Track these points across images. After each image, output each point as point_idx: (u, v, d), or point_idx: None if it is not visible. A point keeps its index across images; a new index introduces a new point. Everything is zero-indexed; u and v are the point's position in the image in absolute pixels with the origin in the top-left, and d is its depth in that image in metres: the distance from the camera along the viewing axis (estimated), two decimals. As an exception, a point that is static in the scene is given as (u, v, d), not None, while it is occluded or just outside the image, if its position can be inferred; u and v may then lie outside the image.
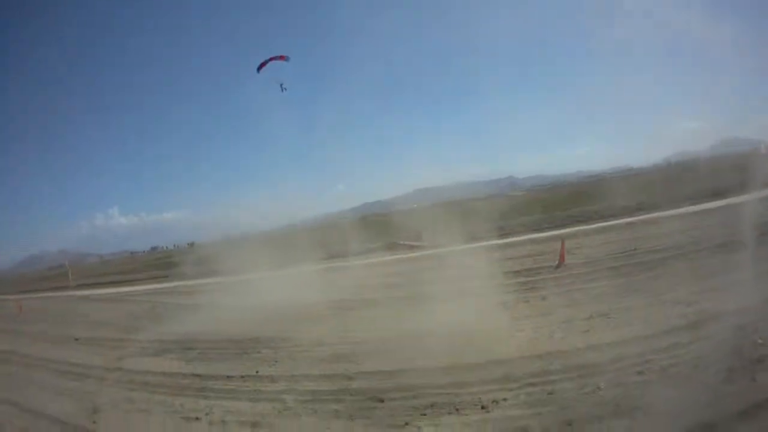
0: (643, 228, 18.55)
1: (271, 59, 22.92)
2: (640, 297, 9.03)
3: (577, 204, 29.76)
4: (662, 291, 9.02)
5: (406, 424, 5.44)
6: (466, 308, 9.34)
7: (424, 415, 5.56)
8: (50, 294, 39.25)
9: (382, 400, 6.11)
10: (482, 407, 5.49)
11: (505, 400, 5.59)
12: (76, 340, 14.58)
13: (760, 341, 5.79)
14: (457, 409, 5.55)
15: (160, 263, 59.14)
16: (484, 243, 19.81)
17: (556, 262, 14.12)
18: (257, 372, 8.08)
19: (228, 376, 8.10)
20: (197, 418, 6.49)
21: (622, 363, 5.99)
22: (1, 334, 18.73)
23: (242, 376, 7.98)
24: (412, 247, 22.70)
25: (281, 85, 22.30)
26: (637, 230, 18.19)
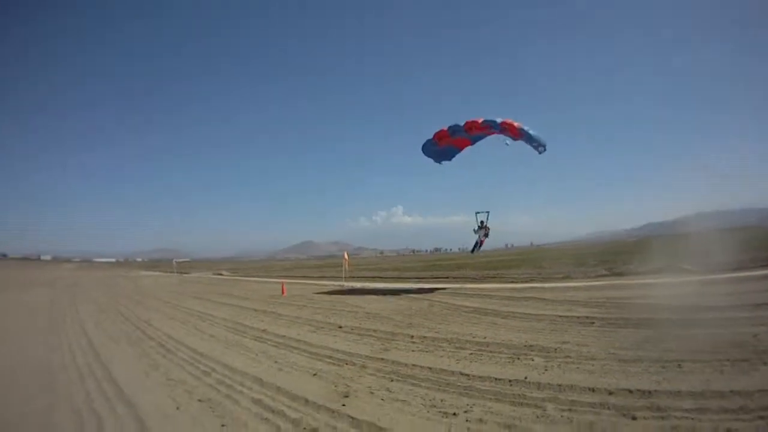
0: None
1: (477, 129, 15.81)
2: None
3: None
4: None
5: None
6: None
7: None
8: (319, 282, 40.50)
9: (634, 418, 6.41)
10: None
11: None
12: (340, 327, 14.98)
13: None
14: None
15: (441, 264, 62.29)
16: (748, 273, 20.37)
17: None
18: (525, 378, 8.41)
19: (496, 379, 8.48)
20: (455, 414, 6.98)
21: None
22: (260, 314, 19.72)
23: (510, 380, 8.33)
24: (686, 271, 21.68)
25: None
26: None
